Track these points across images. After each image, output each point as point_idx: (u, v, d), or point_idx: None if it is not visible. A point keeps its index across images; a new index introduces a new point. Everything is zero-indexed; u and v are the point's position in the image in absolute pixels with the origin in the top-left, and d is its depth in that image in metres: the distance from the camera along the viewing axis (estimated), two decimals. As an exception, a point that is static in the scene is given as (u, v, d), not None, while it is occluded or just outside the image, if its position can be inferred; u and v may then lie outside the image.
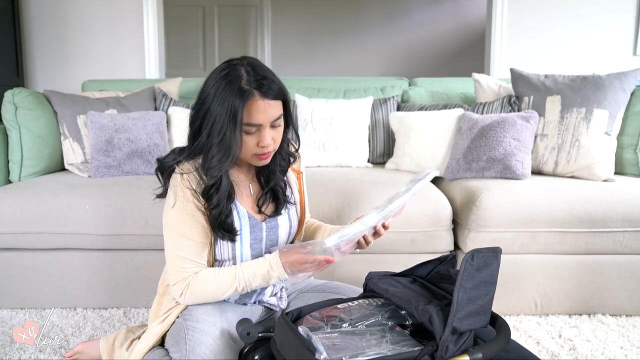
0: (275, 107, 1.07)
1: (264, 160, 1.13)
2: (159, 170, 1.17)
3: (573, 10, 3.25)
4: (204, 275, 1.12)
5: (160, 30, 3.48)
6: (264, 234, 1.20)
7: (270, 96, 1.05)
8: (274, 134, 1.10)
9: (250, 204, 1.20)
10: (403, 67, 5.45)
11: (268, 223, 1.20)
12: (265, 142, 1.07)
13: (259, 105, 1.04)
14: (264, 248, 1.20)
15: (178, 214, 1.11)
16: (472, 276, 0.86)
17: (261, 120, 1.05)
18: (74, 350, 1.40)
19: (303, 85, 2.61)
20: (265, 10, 5.47)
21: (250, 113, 1.04)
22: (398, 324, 0.96)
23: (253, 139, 1.07)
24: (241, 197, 1.18)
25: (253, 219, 1.18)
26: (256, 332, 0.98)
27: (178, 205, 1.10)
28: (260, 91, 1.04)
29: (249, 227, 1.17)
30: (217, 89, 1.04)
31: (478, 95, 2.43)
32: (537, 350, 1.54)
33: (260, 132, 1.07)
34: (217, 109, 1.03)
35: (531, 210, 1.70)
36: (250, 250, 1.18)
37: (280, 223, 1.22)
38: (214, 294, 1.13)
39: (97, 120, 2.11)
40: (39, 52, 3.38)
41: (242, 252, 1.17)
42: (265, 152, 1.10)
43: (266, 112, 1.05)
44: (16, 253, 1.79)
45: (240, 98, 1.02)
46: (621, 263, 1.74)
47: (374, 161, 2.43)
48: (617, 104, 1.99)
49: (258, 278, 1.11)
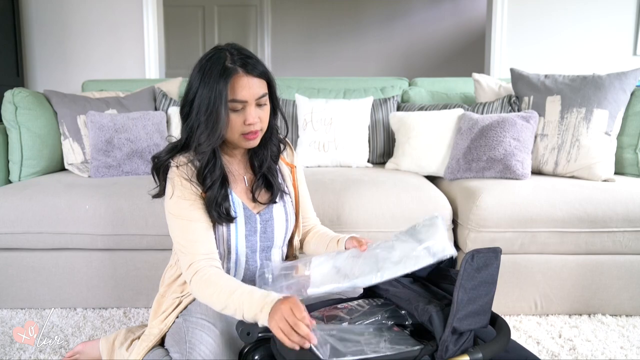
0: (260, 86, 1.10)
1: (253, 141, 1.14)
2: (154, 169, 1.18)
3: (573, 10, 3.25)
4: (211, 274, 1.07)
5: (160, 31, 3.48)
6: (258, 226, 1.20)
7: (254, 73, 1.08)
8: (260, 113, 1.12)
9: (245, 195, 1.21)
10: (403, 67, 5.45)
11: (262, 215, 1.20)
12: (251, 119, 1.09)
13: (242, 82, 1.07)
14: (259, 241, 1.20)
15: (179, 201, 1.12)
16: (472, 276, 0.86)
17: (246, 97, 1.08)
18: (74, 350, 1.40)
19: (303, 85, 2.61)
20: (265, 10, 5.48)
21: (234, 89, 1.06)
22: (398, 323, 0.96)
23: (239, 117, 1.09)
24: (236, 188, 1.19)
25: (248, 209, 1.19)
26: (256, 332, 0.98)
27: (177, 194, 1.12)
28: (245, 69, 1.07)
29: (244, 217, 1.17)
30: (203, 72, 1.07)
31: (478, 95, 2.43)
32: (537, 350, 1.54)
33: (245, 110, 1.09)
34: (203, 91, 1.06)
35: (531, 210, 1.70)
36: (245, 242, 1.18)
37: (274, 215, 1.22)
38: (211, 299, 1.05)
39: (97, 120, 2.11)
40: (39, 52, 3.39)
41: (237, 243, 1.17)
42: (252, 130, 1.11)
43: (250, 88, 1.08)
44: (16, 253, 1.79)
45: (225, 75, 1.05)
46: (621, 263, 1.74)
47: (374, 161, 2.43)
48: (617, 104, 1.99)
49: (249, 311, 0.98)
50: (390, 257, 0.98)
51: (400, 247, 1.00)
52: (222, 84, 1.05)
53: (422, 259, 0.95)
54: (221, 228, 1.16)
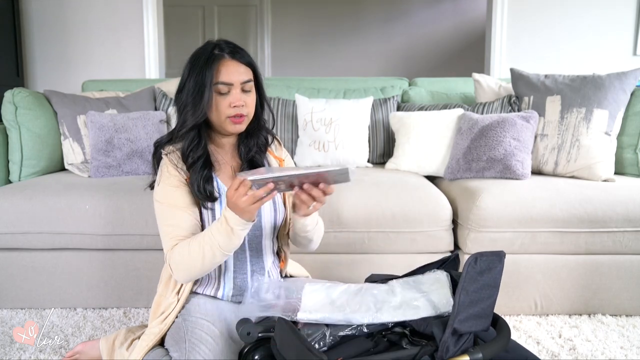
0: (245, 72, 1.17)
1: (239, 125, 1.18)
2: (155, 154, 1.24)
3: (573, 11, 3.25)
4: (179, 245, 1.12)
5: (160, 30, 3.48)
6: None
7: (241, 60, 1.17)
8: (246, 99, 1.17)
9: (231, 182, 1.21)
10: (403, 67, 5.45)
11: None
12: (236, 101, 1.14)
13: (228, 65, 1.15)
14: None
15: (162, 187, 1.17)
16: (475, 279, 0.86)
17: (231, 80, 1.14)
18: (74, 350, 1.40)
19: (303, 85, 2.61)
20: (265, 10, 5.47)
21: (220, 72, 1.14)
22: (398, 323, 0.96)
23: (225, 100, 1.15)
24: (221, 175, 1.22)
25: None
26: (256, 332, 0.98)
27: (163, 180, 1.17)
28: (231, 55, 1.16)
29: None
30: (192, 62, 1.16)
31: (478, 95, 2.43)
32: (537, 350, 1.54)
33: (231, 93, 1.15)
34: (191, 78, 1.14)
35: (531, 210, 1.70)
36: None
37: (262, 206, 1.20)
38: (190, 262, 1.09)
39: (97, 120, 2.11)
40: (39, 52, 3.38)
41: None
42: (238, 112, 1.16)
43: (236, 72, 1.15)
44: (16, 253, 1.79)
45: (212, 61, 1.13)
46: (621, 263, 1.74)
47: (374, 161, 2.43)
48: (617, 104, 1.99)
49: (221, 233, 1.05)
50: (390, 301, 0.98)
51: (402, 293, 0.99)
52: (207, 68, 1.12)
53: (422, 310, 0.94)
54: (206, 214, 1.17)
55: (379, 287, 1.03)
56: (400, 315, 0.94)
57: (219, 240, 1.06)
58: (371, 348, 0.92)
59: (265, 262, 1.27)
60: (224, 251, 1.07)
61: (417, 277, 1.04)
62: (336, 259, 1.80)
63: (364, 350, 0.91)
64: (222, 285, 1.24)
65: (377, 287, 1.04)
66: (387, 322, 0.94)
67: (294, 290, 1.06)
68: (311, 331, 0.94)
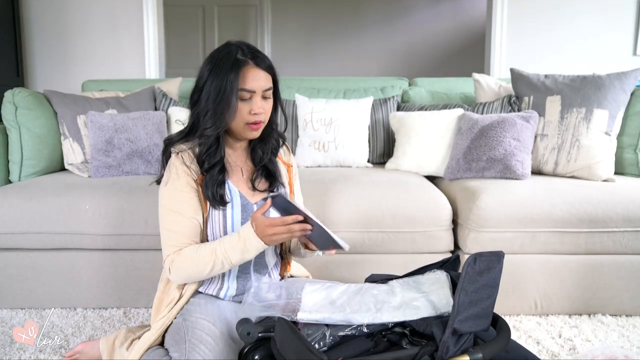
0: (267, 79, 1.17)
1: (256, 131, 1.19)
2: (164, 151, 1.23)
3: (573, 10, 3.25)
4: (186, 251, 1.15)
5: (160, 30, 3.48)
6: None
7: (263, 66, 1.16)
8: (265, 106, 1.18)
9: (243, 185, 1.24)
10: (403, 67, 5.45)
11: (259, 205, 1.23)
12: (257, 109, 1.15)
13: (253, 73, 1.14)
14: None
15: (169, 190, 1.17)
16: (474, 279, 0.86)
17: (254, 87, 1.14)
18: (74, 350, 1.40)
19: (303, 85, 2.61)
20: (265, 10, 5.47)
21: (245, 79, 1.13)
22: (398, 323, 0.96)
23: (246, 106, 1.15)
24: (233, 178, 1.23)
25: (245, 199, 1.22)
26: (256, 332, 0.98)
27: (169, 182, 1.17)
28: (254, 61, 1.15)
29: (240, 206, 1.20)
30: (214, 63, 1.14)
31: (478, 95, 2.43)
32: (537, 350, 1.54)
33: (252, 100, 1.15)
34: (214, 80, 1.13)
35: (531, 210, 1.70)
36: None
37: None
38: (196, 269, 1.13)
39: (97, 120, 2.11)
40: (39, 52, 3.38)
41: (234, 230, 1.19)
42: (257, 120, 1.16)
43: (259, 79, 1.15)
44: (16, 253, 1.79)
45: (236, 66, 1.12)
46: (621, 263, 1.74)
47: (374, 161, 2.43)
48: (617, 104, 1.99)
49: (236, 251, 1.09)
50: (390, 301, 0.98)
51: (402, 293, 0.99)
52: (233, 74, 1.11)
53: (423, 310, 0.94)
54: (217, 214, 1.18)
55: (379, 287, 1.03)
56: (400, 315, 0.94)
57: (232, 257, 1.10)
58: (371, 348, 0.92)
59: (268, 263, 1.28)
60: (232, 266, 1.12)
61: (417, 278, 1.04)
62: (336, 259, 1.80)
63: (364, 350, 0.91)
64: (225, 285, 1.25)
65: (377, 287, 1.04)
66: (387, 323, 0.94)
67: (295, 291, 1.06)
68: (311, 331, 0.94)
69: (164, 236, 1.18)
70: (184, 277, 1.17)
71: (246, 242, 1.08)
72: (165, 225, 1.17)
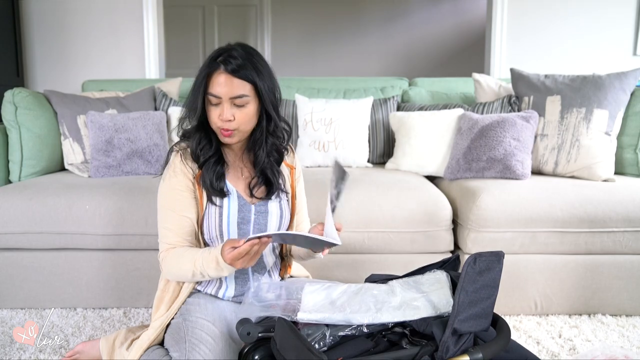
0: (239, 87, 1.12)
1: (227, 138, 1.17)
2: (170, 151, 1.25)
3: (573, 10, 3.25)
4: (175, 251, 1.17)
5: (160, 31, 3.47)
6: (252, 216, 1.22)
7: (236, 74, 1.11)
8: (238, 114, 1.14)
9: (242, 186, 1.24)
10: (403, 67, 5.45)
11: (258, 207, 1.23)
12: (223, 116, 1.13)
13: (220, 79, 1.12)
14: (252, 231, 1.23)
15: (165, 187, 1.19)
16: (474, 279, 0.86)
17: (220, 93, 1.12)
18: (74, 350, 1.40)
19: (303, 85, 2.61)
20: (265, 10, 5.47)
21: (212, 84, 1.12)
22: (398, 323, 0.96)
23: (216, 111, 1.14)
24: (230, 176, 1.23)
25: (242, 198, 1.22)
26: (256, 332, 0.98)
27: (166, 180, 1.19)
28: (226, 67, 1.11)
29: (237, 205, 1.21)
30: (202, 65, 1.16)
31: (478, 95, 2.43)
32: (537, 350, 1.54)
33: (221, 105, 1.13)
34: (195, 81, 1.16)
35: (531, 210, 1.70)
36: (238, 230, 1.21)
37: (270, 210, 1.24)
38: (180, 273, 1.17)
39: (97, 120, 2.11)
40: (39, 52, 3.38)
41: (229, 230, 1.20)
42: (225, 127, 1.14)
43: (227, 86, 1.11)
44: (16, 253, 1.79)
45: (207, 69, 1.13)
46: (621, 263, 1.74)
47: (374, 161, 2.43)
48: (617, 104, 1.99)
49: (211, 268, 1.10)
50: (390, 301, 0.97)
51: (402, 293, 0.99)
52: (202, 76, 1.13)
53: (423, 310, 0.94)
54: (213, 213, 1.19)
55: (379, 287, 1.03)
56: (400, 315, 0.94)
57: (209, 272, 1.12)
58: (371, 348, 0.92)
59: (267, 263, 1.28)
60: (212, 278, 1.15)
61: (417, 278, 1.04)
62: (336, 259, 1.80)
63: (364, 350, 0.91)
64: (224, 285, 1.25)
65: (377, 287, 1.04)
66: (387, 323, 0.94)
67: (294, 291, 1.06)
68: (311, 331, 0.94)
69: (159, 233, 1.21)
70: (172, 276, 1.21)
71: (219, 263, 1.08)
72: (160, 221, 1.21)
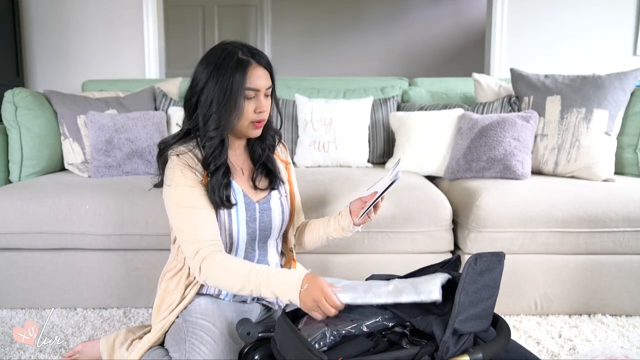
0: (267, 77, 1.17)
1: (259, 130, 1.20)
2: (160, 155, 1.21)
3: (573, 11, 3.25)
4: (221, 260, 1.09)
5: (160, 31, 3.47)
6: (257, 214, 1.23)
7: (264, 64, 1.16)
8: (267, 104, 1.19)
9: (245, 184, 1.24)
10: (403, 67, 5.45)
11: (261, 205, 1.24)
12: (262, 106, 1.15)
13: (257, 71, 1.14)
14: (258, 229, 1.23)
15: (179, 188, 1.14)
16: (475, 280, 0.86)
17: (259, 85, 1.14)
18: (74, 350, 1.40)
19: (303, 85, 2.61)
20: (265, 10, 5.47)
21: (250, 78, 1.13)
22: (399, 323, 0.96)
23: (251, 105, 1.15)
24: (236, 177, 1.23)
25: (247, 197, 1.22)
26: (256, 332, 0.98)
27: (177, 181, 1.14)
28: (256, 59, 1.15)
29: (244, 204, 1.21)
30: (215, 66, 1.12)
31: (478, 95, 2.43)
32: (537, 350, 1.54)
33: (257, 98, 1.16)
34: (217, 83, 1.11)
35: (531, 210, 1.70)
36: (246, 229, 1.21)
37: (272, 206, 1.25)
38: (226, 284, 1.09)
39: (97, 120, 2.11)
40: (39, 52, 3.38)
41: (239, 230, 1.20)
42: (261, 118, 1.17)
43: (264, 78, 1.16)
44: (16, 253, 1.79)
45: (241, 66, 1.12)
46: (621, 263, 1.74)
47: (374, 161, 2.43)
48: (617, 104, 1.99)
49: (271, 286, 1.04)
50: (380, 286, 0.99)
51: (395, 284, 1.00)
52: (239, 74, 1.11)
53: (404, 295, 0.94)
54: (223, 215, 1.18)
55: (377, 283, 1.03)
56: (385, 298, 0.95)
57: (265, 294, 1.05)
58: (371, 348, 0.92)
59: (270, 262, 1.28)
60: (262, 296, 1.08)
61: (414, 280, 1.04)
62: (336, 259, 1.80)
63: (364, 350, 0.91)
64: None
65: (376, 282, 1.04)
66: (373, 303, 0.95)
67: None
68: (311, 331, 0.94)
69: (188, 235, 1.12)
70: (212, 281, 1.10)
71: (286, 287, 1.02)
72: (186, 223, 1.12)
